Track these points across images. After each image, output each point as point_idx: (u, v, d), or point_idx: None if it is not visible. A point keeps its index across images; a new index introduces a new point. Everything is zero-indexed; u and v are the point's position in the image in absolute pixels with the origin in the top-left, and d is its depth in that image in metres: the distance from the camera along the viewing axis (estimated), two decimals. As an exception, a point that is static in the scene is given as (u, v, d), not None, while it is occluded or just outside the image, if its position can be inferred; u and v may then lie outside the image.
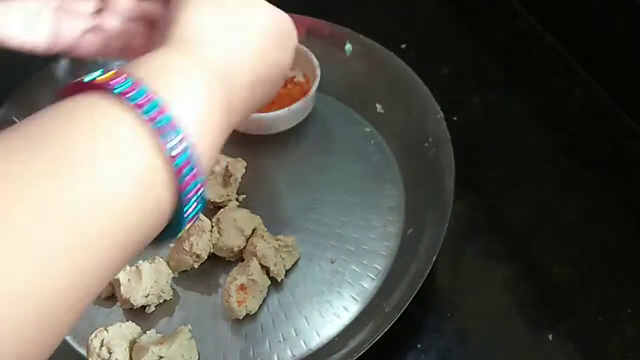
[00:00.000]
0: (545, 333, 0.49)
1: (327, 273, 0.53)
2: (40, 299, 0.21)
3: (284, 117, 0.59)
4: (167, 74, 0.28)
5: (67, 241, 0.22)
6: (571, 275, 0.53)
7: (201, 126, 0.27)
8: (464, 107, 0.65)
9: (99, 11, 0.41)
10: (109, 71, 0.26)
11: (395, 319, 0.44)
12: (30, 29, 0.38)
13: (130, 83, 0.25)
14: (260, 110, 0.61)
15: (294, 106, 0.59)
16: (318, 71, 0.61)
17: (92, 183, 0.23)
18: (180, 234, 0.28)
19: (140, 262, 0.52)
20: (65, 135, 0.24)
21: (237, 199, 0.57)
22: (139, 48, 0.40)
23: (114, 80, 0.25)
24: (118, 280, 0.50)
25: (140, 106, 0.25)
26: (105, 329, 0.48)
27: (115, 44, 0.40)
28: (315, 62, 0.62)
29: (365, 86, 0.64)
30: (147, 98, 0.25)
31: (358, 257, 0.54)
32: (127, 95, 0.25)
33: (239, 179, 0.57)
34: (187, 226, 0.28)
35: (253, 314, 0.50)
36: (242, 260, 0.53)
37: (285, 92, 0.63)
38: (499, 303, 0.51)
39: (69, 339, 0.50)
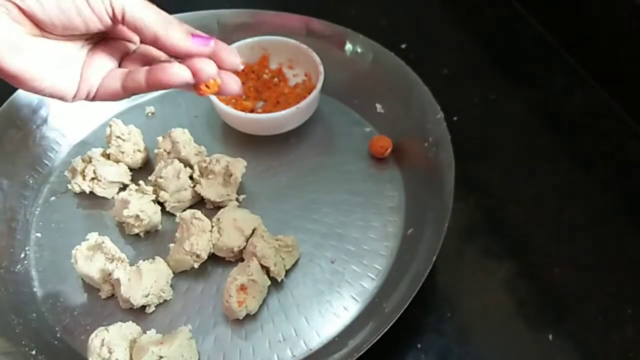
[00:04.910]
0: (545, 333, 0.49)
1: (327, 273, 0.53)
2: None
3: (293, 115, 0.59)
4: None
5: None
6: (571, 275, 0.53)
7: None
8: (464, 107, 0.65)
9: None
10: None
11: (395, 319, 0.44)
12: (61, 74, 0.39)
13: None
14: (269, 111, 0.61)
15: (302, 104, 0.59)
16: (321, 68, 0.61)
17: None
18: None
19: (141, 262, 0.52)
20: None
21: (237, 199, 0.57)
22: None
23: None
24: (118, 280, 0.50)
25: None
26: (106, 329, 0.48)
27: (130, 81, 0.41)
28: (317, 59, 0.62)
29: (365, 86, 0.64)
30: None
31: (358, 257, 0.54)
32: None
33: (239, 179, 0.57)
34: None
35: (253, 314, 0.50)
36: (242, 260, 0.53)
37: (289, 91, 0.64)
38: (499, 303, 0.52)
39: (69, 338, 0.50)
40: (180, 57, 0.40)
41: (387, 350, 0.48)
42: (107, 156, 0.60)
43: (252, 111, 0.62)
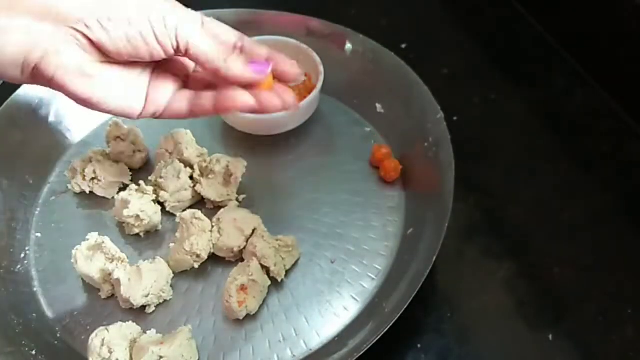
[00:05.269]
0: (545, 333, 0.49)
1: (327, 273, 0.53)
2: None
3: (293, 115, 0.59)
4: None
5: None
6: (571, 275, 0.53)
7: None
8: (464, 107, 0.65)
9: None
10: None
11: (395, 319, 0.44)
12: (126, 96, 0.40)
13: None
14: None
15: (302, 104, 0.59)
16: (321, 68, 0.61)
17: None
18: None
19: (141, 262, 0.52)
20: None
21: (237, 199, 0.57)
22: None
23: None
24: (118, 280, 0.50)
25: None
26: (106, 329, 0.48)
27: (197, 106, 0.42)
28: (317, 59, 0.62)
29: (365, 86, 0.64)
30: None
31: (358, 257, 0.54)
32: None
33: (239, 179, 0.57)
34: None
35: (253, 314, 0.50)
36: (242, 260, 0.53)
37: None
38: (499, 303, 0.52)
39: (69, 338, 0.50)
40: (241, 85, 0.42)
41: (387, 350, 0.48)
42: (107, 156, 0.60)
43: (252, 111, 0.62)
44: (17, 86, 0.61)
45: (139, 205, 0.54)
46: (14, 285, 0.53)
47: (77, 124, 0.64)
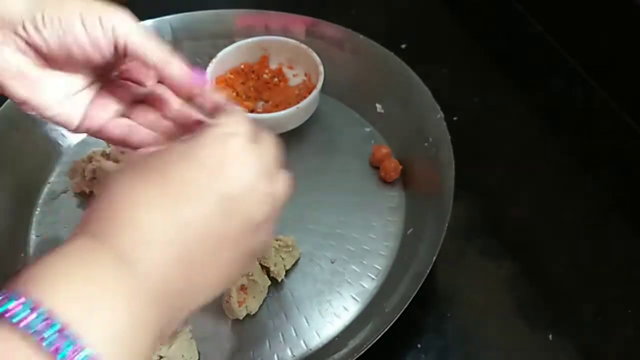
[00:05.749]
0: (545, 333, 0.49)
1: (327, 273, 0.53)
2: None
3: (293, 115, 0.60)
4: (78, 287, 0.26)
5: None
6: (571, 275, 0.53)
7: (117, 348, 0.25)
8: (464, 107, 0.65)
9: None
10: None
11: (395, 319, 0.44)
12: (65, 106, 0.40)
13: (28, 309, 0.24)
14: (269, 111, 0.61)
15: (302, 104, 0.59)
16: (321, 68, 0.61)
17: None
18: None
19: (141, 262, 0.52)
20: None
21: (237, 199, 0.57)
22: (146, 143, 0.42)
23: (12, 310, 0.24)
24: (118, 280, 0.50)
25: (42, 338, 0.23)
26: (106, 329, 0.47)
27: (135, 138, 0.42)
28: (317, 59, 0.62)
29: (365, 86, 0.64)
30: (46, 324, 0.23)
31: (358, 257, 0.54)
32: (24, 324, 0.23)
33: (239, 179, 0.57)
34: None
35: (253, 314, 0.50)
36: (242, 260, 0.53)
37: (289, 91, 0.63)
38: (499, 303, 0.52)
39: (69, 339, 0.50)
40: (180, 91, 0.40)
41: (387, 350, 0.48)
42: (107, 156, 0.60)
43: (252, 111, 0.62)
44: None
45: (139, 205, 0.54)
46: (14, 285, 0.53)
47: (77, 124, 0.64)
